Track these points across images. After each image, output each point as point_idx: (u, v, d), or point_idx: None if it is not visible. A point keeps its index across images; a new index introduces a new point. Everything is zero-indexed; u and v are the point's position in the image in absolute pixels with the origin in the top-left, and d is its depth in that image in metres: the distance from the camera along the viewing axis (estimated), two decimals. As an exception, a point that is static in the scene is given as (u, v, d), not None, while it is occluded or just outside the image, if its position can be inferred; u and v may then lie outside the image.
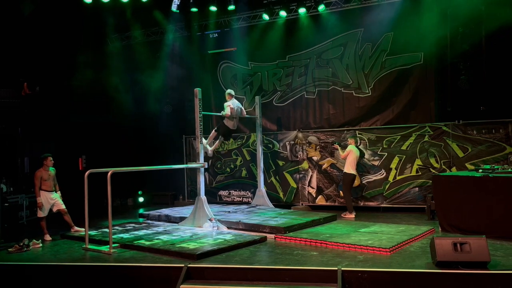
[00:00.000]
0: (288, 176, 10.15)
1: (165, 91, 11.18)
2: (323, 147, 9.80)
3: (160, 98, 11.15)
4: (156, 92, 11.08)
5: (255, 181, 10.02)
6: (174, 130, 11.16)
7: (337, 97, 9.94)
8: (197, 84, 8.98)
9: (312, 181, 9.88)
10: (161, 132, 11.16)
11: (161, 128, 11.18)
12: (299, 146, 10.01)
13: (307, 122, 10.28)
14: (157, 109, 11.13)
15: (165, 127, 11.19)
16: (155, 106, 11.09)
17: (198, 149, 8.17)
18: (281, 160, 10.24)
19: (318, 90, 10.15)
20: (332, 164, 9.71)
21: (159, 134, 11.15)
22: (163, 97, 11.18)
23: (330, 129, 9.84)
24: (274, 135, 10.39)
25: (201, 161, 8.14)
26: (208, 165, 10.57)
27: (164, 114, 11.20)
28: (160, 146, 11.22)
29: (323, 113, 10.14)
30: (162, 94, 11.15)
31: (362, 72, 9.62)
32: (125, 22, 10.75)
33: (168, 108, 11.15)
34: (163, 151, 11.19)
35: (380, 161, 9.17)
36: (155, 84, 11.09)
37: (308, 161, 9.94)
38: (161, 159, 10.34)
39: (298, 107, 10.38)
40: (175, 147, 11.36)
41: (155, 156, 10.97)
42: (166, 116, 11.20)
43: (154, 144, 11.21)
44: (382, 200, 9.11)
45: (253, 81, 10.84)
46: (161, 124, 11.24)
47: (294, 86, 10.40)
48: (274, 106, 10.61)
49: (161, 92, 11.13)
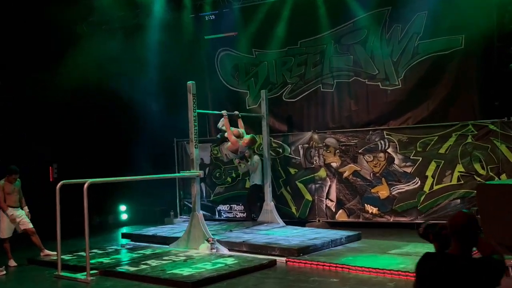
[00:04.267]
0: (301, 186, 10.17)
1: (152, 87, 11.21)
2: (344, 151, 9.78)
3: (146, 95, 11.17)
4: (141, 88, 11.12)
5: (262, 193, 10.00)
6: (164, 132, 11.18)
7: (360, 90, 9.92)
8: (190, 76, 8.94)
9: (331, 192, 9.87)
10: (148, 135, 11.21)
11: (148, 131, 11.23)
12: (315, 151, 10.02)
13: (324, 121, 10.28)
14: (143, 108, 11.17)
15: (152, 129, 11.24)
16: (140, 105, 11.13)
17: (193, 155, 8.19)
18: (293, 168, 10.25)
19: (337, 82, 10.13)
20: (355, 172, 9.70)
21: (146, 138, 11.19)
22: (149, 94, 11.20)
23: (352, 129, 9.81)
24: (284, 137, 10.38)
25: (196, 169, 8.16)
26: (205, 174, 10.69)
27: (151, 113, 11.22)
28: (147, 152, 11.23)
29: (343, 110, 10.12)
30: (149, 90, 11.18)
31: (390, 60, 9.61)
32: (101, 3, 10.81)
33: (156, 106, 11.20)
34: (150, 158, 11.22)
35: (413, 168, 9.15)
36: (140, 78, 11.14)
37: (326, 168, 9.94)
38: (148, 168, 10.43)
39: (313, 103, 10.39)
40: (165, 153, 11.37)
41: (141, 164, 10.99)
42: (153, 116, 11.20)
43: (139, 149, 11.20)
44: (416, 215, 9.10)
45: (258, 72, 10.86)
46: (148, 126, 11.28)
47: (308, 78, 10.39)
48: (283, 102, 10.61)
49: (147, 88, 11.17)
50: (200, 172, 8.23)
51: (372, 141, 9.50)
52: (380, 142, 9.46)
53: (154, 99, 11.25)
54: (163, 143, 11.37)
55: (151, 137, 11.24)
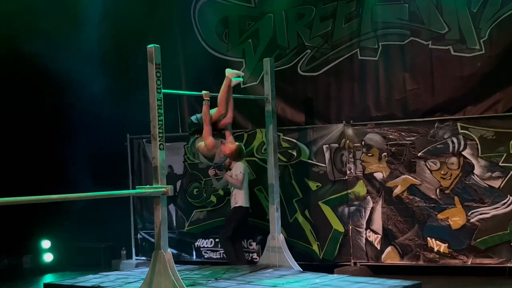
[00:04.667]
0: (327, 210, 10.18)
1: (92, 56, 11.34)
2: (395, 154, 9.74)
3: (84, 70, 11.25)
4: (76, 58, 11.24)
5: (265, 220, 10.07)
6: (111, 126, 11.28)
7: (420, 58, 9.92)
8: (152, 39, 8.85)
9: (375, 219, 9.89)
10: (87, 131, 11.26)
11: (87, 125, 11.30)
12: (349, 154, 10.02)
13: (363, 108, 10.26)
14: (79, 89, 11.26)
15: (93, 121, 11.32)
16: (75, 84, 11.22)
17: (156, 160, 8.02)
18: (315, 180, 10.27)
19: (383, 45, 10.11)
20: (411, 187, 9.64)
21: (83, 135, 11.23)
22: (89, 66, 11.29)
23: (408, 119, 9.79)
24: (300, 132, 10.40)
25: (162, 183, 8.02)
26: (176, 191, 10.73)
27: (92, 97, 11.27)
28: (85, 156, 11.26)
29: (393, 89, 10.10)
30: (88, 62, 11.29)
31: (467, 12, 9.63)
32: None
33: (98, 86, 11.25)
34: (90, 166, 11.22)
35: (503, 180, 9.19)
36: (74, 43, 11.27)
37: (366, 181, 9.95)
38: (86, 181, 10.41)
39: (346, 79, 10.38)
40: (113, 157, 11.43)
41: (76, 175, 10.95)
42: (95, 102, 11.29)
43: (73, 153, 11.25)
44: (508, 254, 9.09)
45: (259, 30, 10.85)
46: (87, 116, 11.37)
47: (337, 39, 10.37)
48: (299, 78, 10.64)
49: (85, 59, 11.30)
50: (168, 188, 7.97)
51: (439, 139, 9.46)
52: (452, 140, 9.45)
53: (96, 75, 11.34)
54: (110, 142, 11.39)
55: (92, 133, 11.27)
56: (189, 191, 10.95)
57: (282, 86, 10.33)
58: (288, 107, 10.63)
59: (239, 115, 10.60)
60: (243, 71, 10.67)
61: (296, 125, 10.51)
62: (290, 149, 10.34)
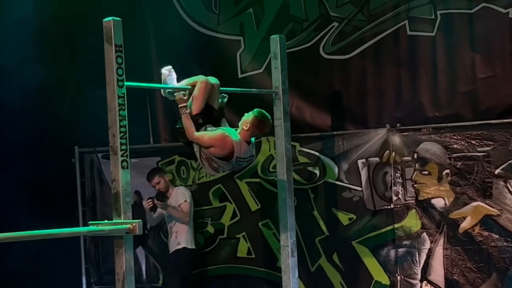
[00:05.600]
0: (365, 253, 10.38)
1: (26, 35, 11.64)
2: (461, 171, 9.83)
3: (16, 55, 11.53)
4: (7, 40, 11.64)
5: (276, 269, 10.23)
6: (53, 134, 11.64)
7: (496, 33, 9.98)
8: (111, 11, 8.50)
9: (434, 266, 9.99)
10: (20, 141, 11.58)
11: (20, 132, 11.59)
12: (395, 171, 10.13)
13: (414, 105, 10.37)
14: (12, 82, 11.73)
15: (29, 128, 11.65)
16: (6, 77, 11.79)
17: (118, 184, 7.87)
18: (346, 210, 10.47)
19: (442, 15, 10.20)
20: (486, 219, 9.68)
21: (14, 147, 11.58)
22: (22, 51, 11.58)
23: (479, 121, 9.87)
24: (325, 141, 10.62)
25: (126, 217, 7.88)
26: (147, 228, 11.05)
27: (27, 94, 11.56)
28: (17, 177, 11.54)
29: (458, 78, 10.16)
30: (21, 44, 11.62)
31: None
32: None
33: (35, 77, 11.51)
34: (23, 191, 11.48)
35: None
36: None
37: (421, 210, 10.05)
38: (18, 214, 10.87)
39: (390, 64, 10.49)
40: (55, 177, 11.54)
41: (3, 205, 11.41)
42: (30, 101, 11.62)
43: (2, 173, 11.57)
44: None
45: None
46: (20, 121, 11.67)
47: (376, 7, 10.51)
48: (322, 63, 10.79)
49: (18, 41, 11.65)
50: (135, 224, 7.76)
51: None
52: (544, 153, 9.56)
53: (27, 64, 11.68)
54: (52, 157, 11.64)
55: (26, 145, 11.62)
56: (165, 228, 11.02)
57: (298, 75, 10.46)
58: (307, 106, 10.73)
59: (236, 117, 10.37)
60: (240, 55, 11.02)
61: (318, 131, 10.62)
62: (310, 166, 10.47)
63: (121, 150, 7.76)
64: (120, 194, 7.81)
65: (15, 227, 8.36)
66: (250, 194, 10.62)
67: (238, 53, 10.94)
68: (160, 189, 10.25)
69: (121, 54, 7.70)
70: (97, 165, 11.41)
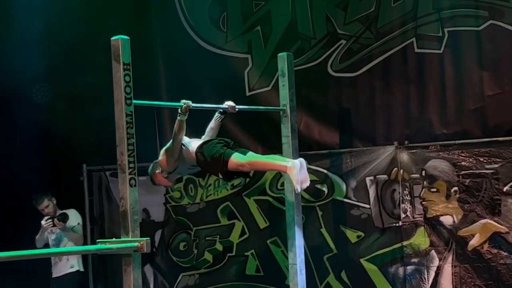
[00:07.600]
0: (373, 270, 10.36)
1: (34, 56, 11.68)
2: (470, 188, 9.82)
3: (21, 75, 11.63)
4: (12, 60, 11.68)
5: (284, 287, 10.10)
6: (60, 153, 11.67)
7: (504, 50, 9.96)
8: (119, 29, 9.01)
9: (442, 283, 9.99)
10: (24, 159, 11.63)
11: (25, 150, 11.65)
12: (403, 188, 10.12)
13: (422, 122, 10.37)
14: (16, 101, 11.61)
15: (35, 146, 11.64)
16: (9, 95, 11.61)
17: (126, 202, 7.82)
18: (355, 228, 10.49)
19: (450, 32, 10.20)
20: (496, 237, 9.69)
21: (19, 166, 11.59)
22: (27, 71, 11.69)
23: (487, 138, 9.85)
24: (333, 159, 10.64)
25: (134, 235, 7.75)
26: (154, 247, 11.10)
27: (32, 112, 11.62)
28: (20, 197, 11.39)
29: (466, 95, 10.15)
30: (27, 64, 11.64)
31: None
32: None
33: (41, 96, 11.73)
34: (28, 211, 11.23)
35: None
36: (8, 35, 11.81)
37: (430, 228, 10.04)
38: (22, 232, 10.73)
39: (398, 81, 10.50)
40: (62, 194, 11.33)
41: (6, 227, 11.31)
42: (36, 119, 11.64)
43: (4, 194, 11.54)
44: None
45: (272, 13, 11.03)
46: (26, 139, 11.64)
47: (384, 24, 10.52)
48: (330, 80, 10.79)
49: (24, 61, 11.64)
50: (143, 242, 7.70)
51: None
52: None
53: (41, 81, 11.84)
54: (59, 175, 11.65)
55: (35, 163, 11.50)
56: (174, 246, 11.17)
57: (306, 93, 10.50)
58: (315, 123, 10.75)
59: (243, 134, 10.76)
60: (248, 73, 11.03)
61: (326, 148, 10.64)
62: (318, 183, 10.44)
63: (129, 168, 7.75)
64: (128, 212, 7.79)
65: (26, 245, 8.44)
66: (258, 212, 10.63)
67: (246, 71, 10.98)
68: (49, 213, 10.14)
69: (129, 72, 7.70)
70: (105, 183, 11.46)
